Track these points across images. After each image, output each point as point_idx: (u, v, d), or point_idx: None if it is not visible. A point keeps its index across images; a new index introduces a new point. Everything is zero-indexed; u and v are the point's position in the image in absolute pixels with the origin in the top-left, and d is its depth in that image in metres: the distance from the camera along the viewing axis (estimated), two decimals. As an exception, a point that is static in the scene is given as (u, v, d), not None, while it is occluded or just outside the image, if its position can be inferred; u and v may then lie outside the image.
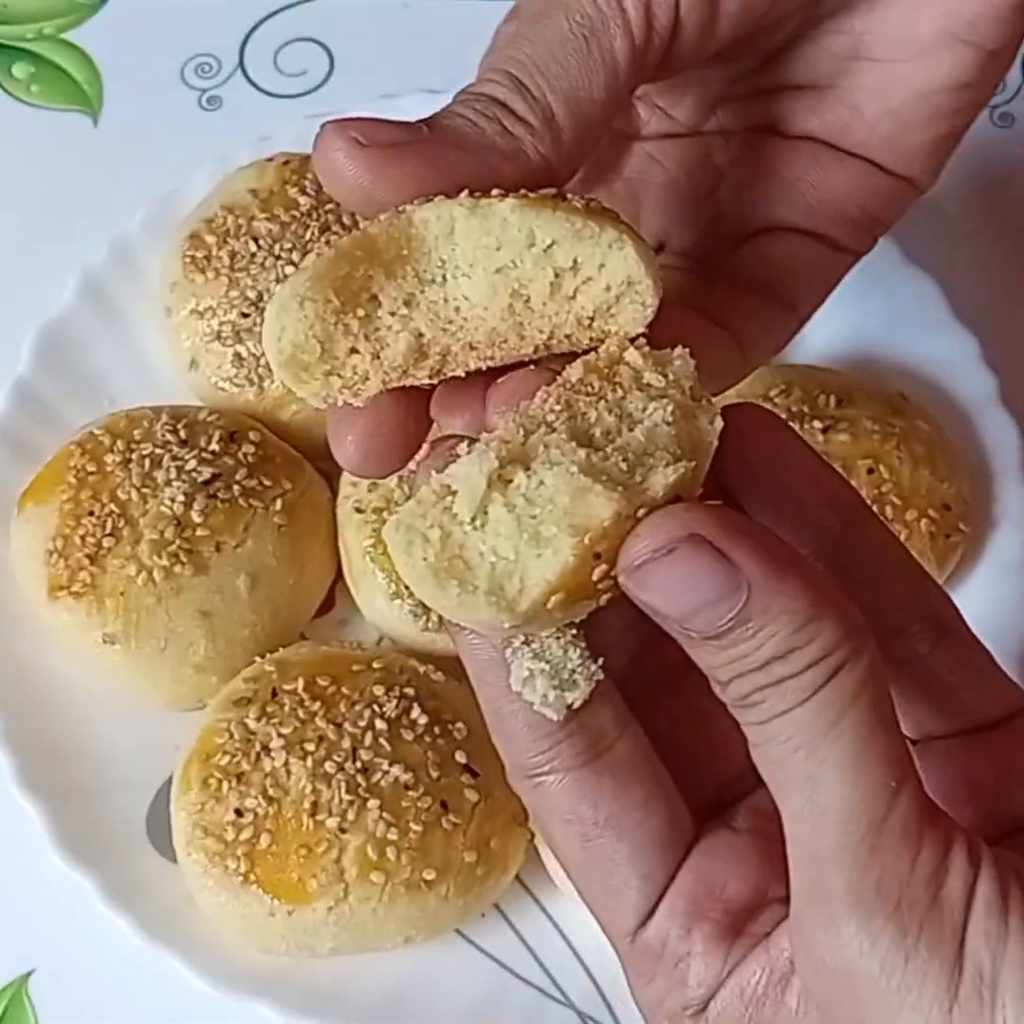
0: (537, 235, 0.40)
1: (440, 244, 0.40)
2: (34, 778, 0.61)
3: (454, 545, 0.35)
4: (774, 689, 0.35)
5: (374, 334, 0.41)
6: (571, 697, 0.36)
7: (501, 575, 0.34)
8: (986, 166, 0.78)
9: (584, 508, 0.34)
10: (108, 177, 0.77)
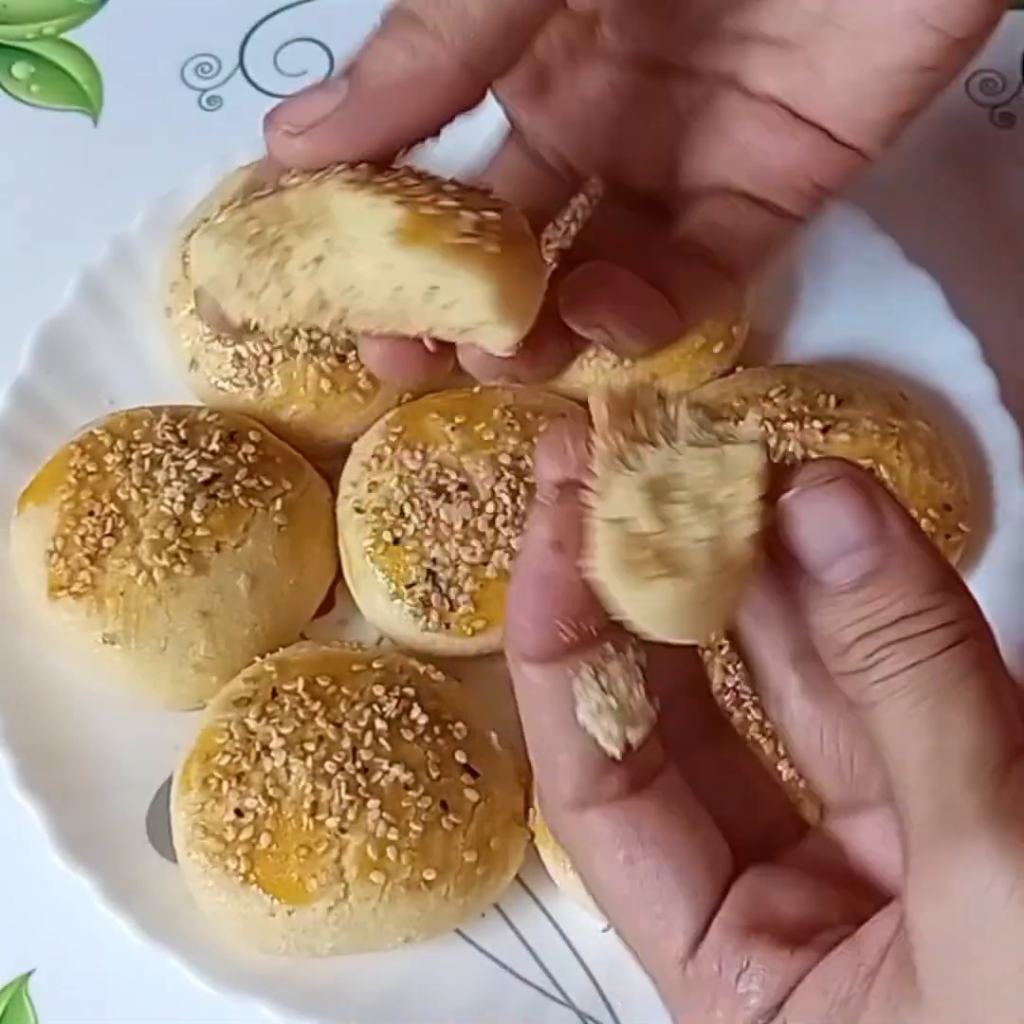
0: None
1: (347, 224, 0.43)
2: (34, 778, 0.61)
3: (667, 555, 0.36)
4: (903, 644, 0.36)
5: (284, 279, 0.44)
6: (633, 735, 0.37)
7: (717, 551, 0.36)
8: (986, 166, 0.78)
9: (735, 462, 0.37)
10: (108, 177, 0.77)
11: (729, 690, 0.59)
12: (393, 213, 0.42)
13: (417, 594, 0.63)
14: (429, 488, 0.63)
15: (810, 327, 0.73)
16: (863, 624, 0.36)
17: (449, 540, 0.62)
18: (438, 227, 0.43)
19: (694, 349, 0.68)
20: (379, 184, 0.43)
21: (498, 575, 0.62)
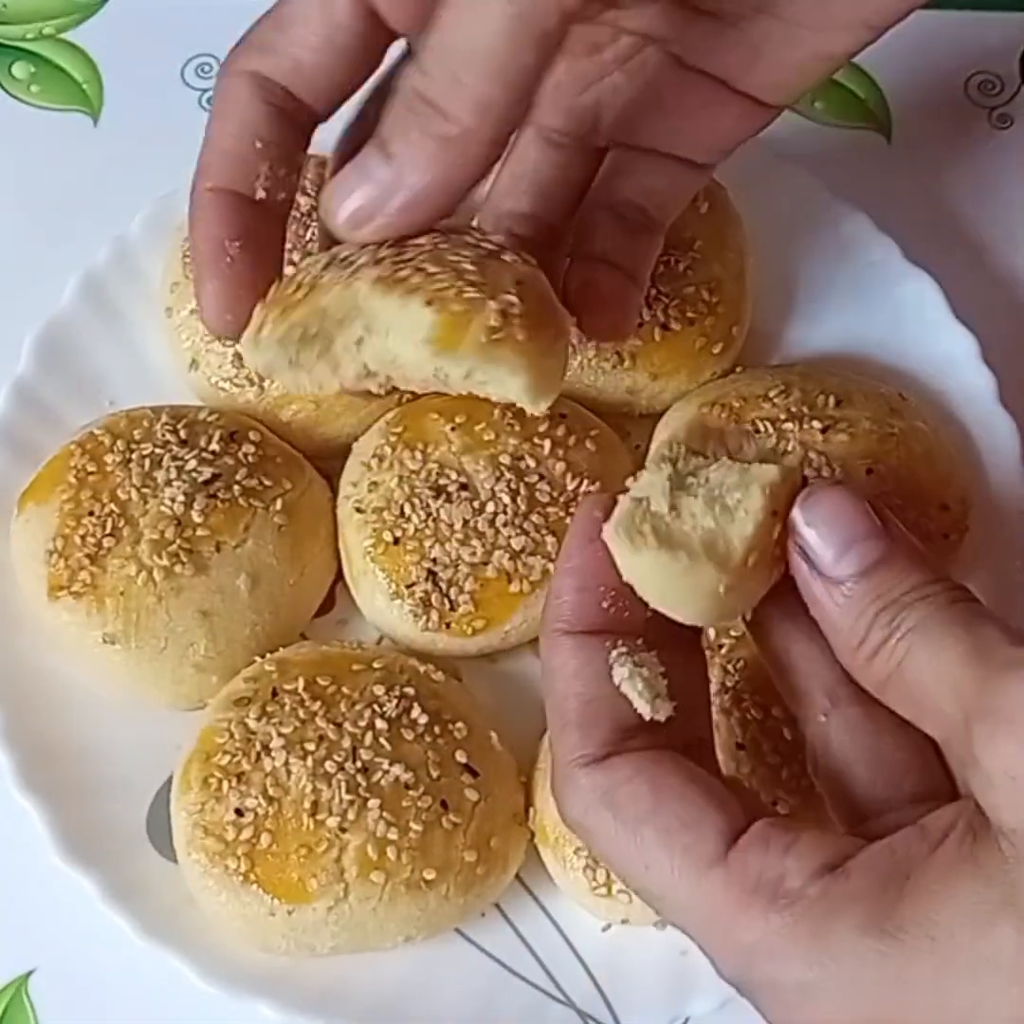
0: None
1: (381, 320, 0.49)
2: (34, 778, 0.61)
3: (665, 533, 0.41)
4: (921, 602, 0.40)
5: (331, 358, 0.51)
6: (661, 707, 0.41)
7: (710, 540, 0.41)
8: (985, 166, 0.78)
9: (755, 474, 0.42)
10: (108, 177, 0.77)
11: (729, 690, 0.59)
12: (425, 319, 0.48)
13: (417, 594, 0.63)
14: (429, 488, 0.63)
15: (810, 327, 0.73)
16: (879, 602, 0.40)
17: (449, 540, 0.62)
18: (468, 330, 0.48)
19: (694, 349, 0.68)
20: (404, 279, 0.48)
21: (498, 575, 0.62)
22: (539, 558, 0.62)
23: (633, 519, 0.42)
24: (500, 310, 0.49)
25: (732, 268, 0.69)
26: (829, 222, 0.73)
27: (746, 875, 0.38)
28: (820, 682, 0.44)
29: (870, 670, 0.40)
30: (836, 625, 0.41)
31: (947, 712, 0.39)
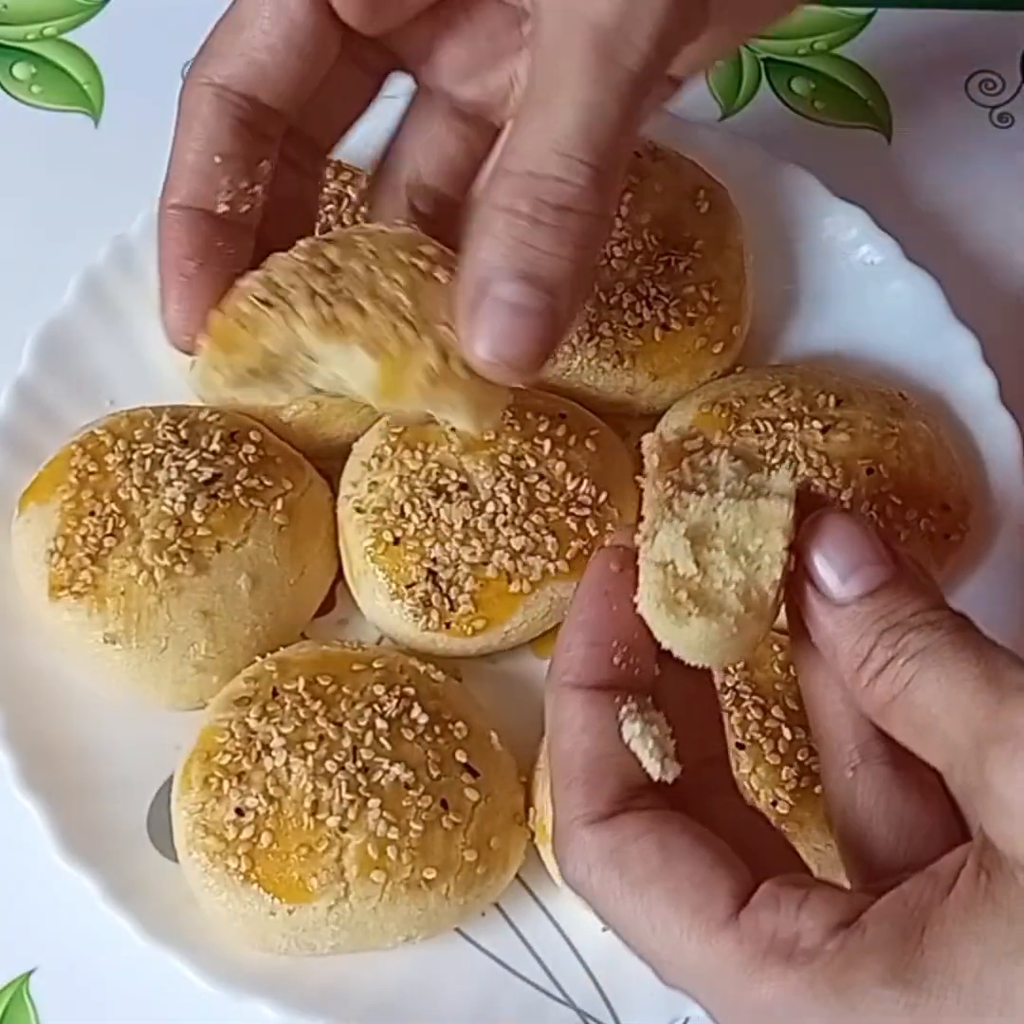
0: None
1: (328, 358, 0.51)
2: (35, 778, 0.61)
3: (700, 596, 0.41)
4: (926, 627, 0.39)
5: (282, 383, 0.53)
6: (669, 768, 0.41)
7: (745, 594, 0.41)
8: (985, 166, 0.78)
9: (766, 514, 0.42)
10: (109, 178, 0.77)
11: (729, 689, 0.59)
12: (366, 365, 0.50)
13: (417, 594, 0.63)
14: (429, 488, 0.63)
15: (810, 327, 0.73)
16: (882, 622, 0.39)
17: (449, 540, 0.62)
18: (408, 375, 0.50)
19: (694, 349, 0.68)
20: (340, 321, 0.50)
21: (498, 575, 0.62)
22: (539, 558, 0.62)
23: (667, 588, 0.41)
24: (438, 348, 0.50)
25: (732, 268, 0.69)
26: (829, 222, 0.73)
27: (759, 935, 0.37)
28: (852, 733, 0.43)
29: (872, 692, 0.40)
30: (838, 647, 0.40)
31: (954, 738, 0.38)
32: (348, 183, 0.70)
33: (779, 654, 0.61)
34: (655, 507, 0.43)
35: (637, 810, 0.40)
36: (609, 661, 0.42)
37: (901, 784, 0.42)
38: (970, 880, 0.37)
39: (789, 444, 0.64)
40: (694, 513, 0.43)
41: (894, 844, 0.42)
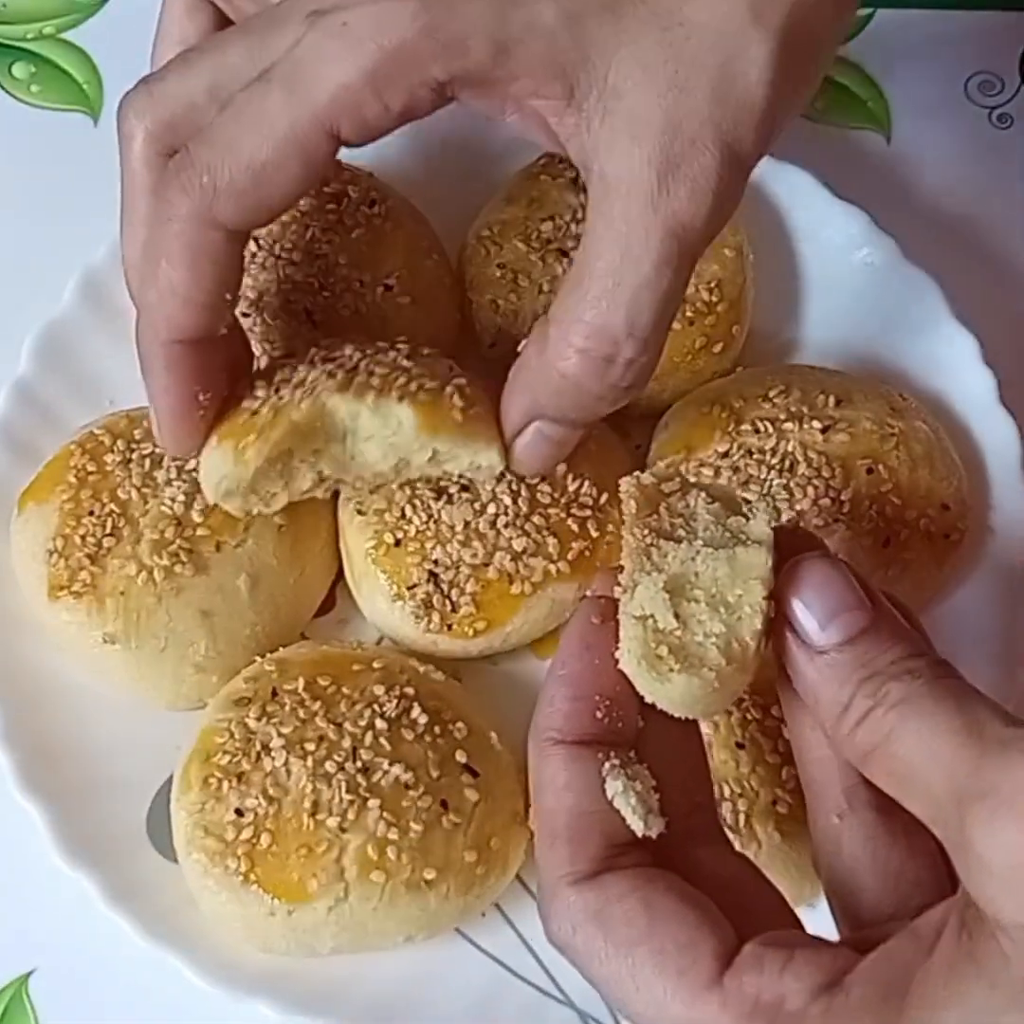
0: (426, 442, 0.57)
1: (347, 421, 0.56)
2: (34, 778, 0.61)
3: (680, 650, 0.41)
4: (907, 675, 0.39)
5: (288, 475, 0.58)
6: (653, 824, 0.41)
7: (726, 646, 0.41)
8: (985, 166, 0.78)
9: (745, 563, 0.42)
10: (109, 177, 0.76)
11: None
12: (404, 412, 0.56)
13: (418, 595, 0.62)
14: (430, 489, 0.63)
15: (810, 327, 0.73)
16: (862, 671, 0.39)
17: (451, 541, 0.62)
18: (443, 414, 0.56)
19: (694, 349, 0.68)
20: (366, 383, 0.56)
21: (500, 576, 0.62)
22: (540, 559, 0.62)
23: (647, 644, 0.41)
24: (458, 391, 0.57)
25: (732, 268, 0.69)
26: (829, 222, 0.73)
27: (743, 998, 0.37)
28: (838, 778, 0.43)
29: (854, 741, 0.39)
30: (819, 695, 0.40)
31: (936, 791, 0.37)
32: (348, 183, 0.70)
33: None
34: (634, 557, 0.43)
35: (622, 868, 0.40)
36: (592, 715, 0.42)
37: (887, 830, 0.42)
38: (952, 939, 0.36)
39: (789, 444, 0.64)
40: (673, 563, 0.43)
41: (880, 892, 0.42)
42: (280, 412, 0.56)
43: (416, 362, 0.59)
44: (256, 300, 0.67)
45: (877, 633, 0.40)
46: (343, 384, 0.57)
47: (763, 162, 0.72)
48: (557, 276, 0.68)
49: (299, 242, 0.68)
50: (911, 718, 0.38)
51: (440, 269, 0.70)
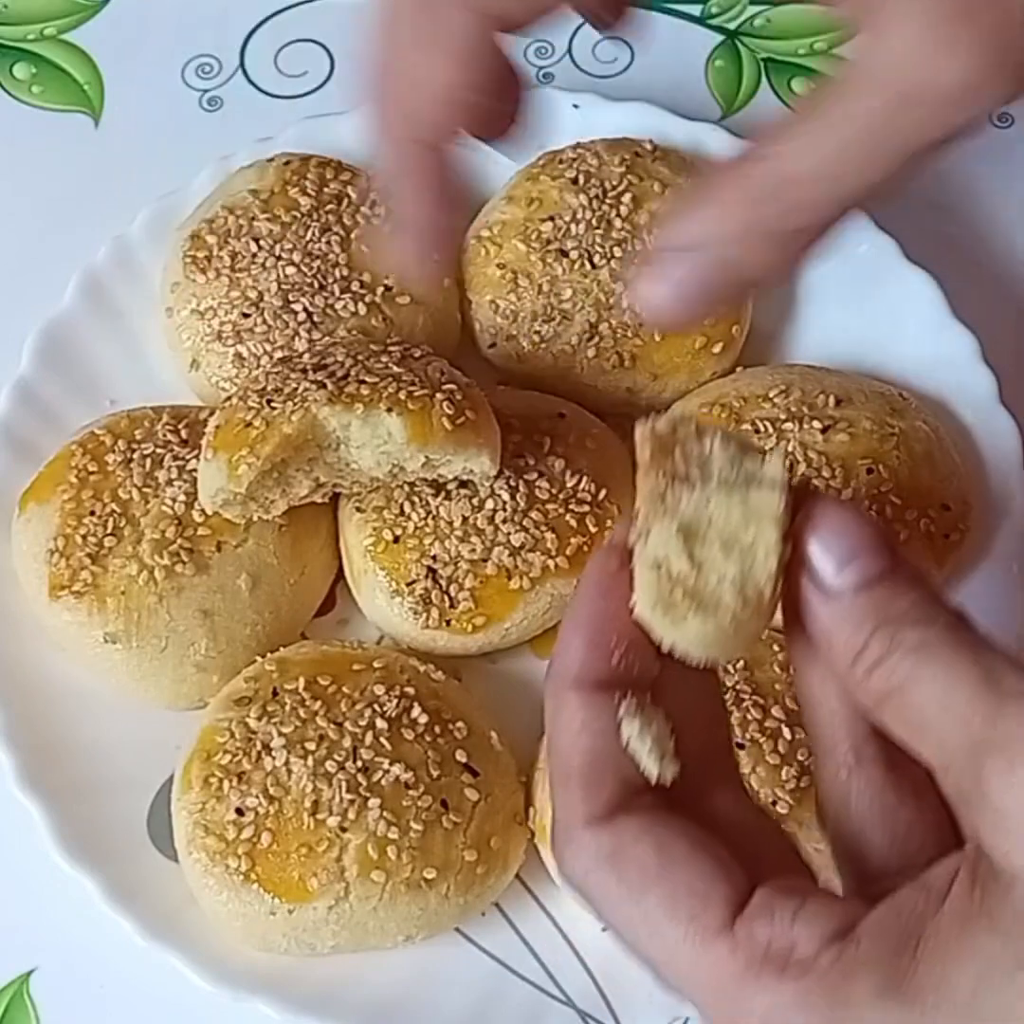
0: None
1: (338, 431, 0.58)
2: (35, 777, 0.61)
3: (697, 594, 0.40)
4: (924, 621, 0.38)
5: (285, 483, 0.60)
6: (667, 769, 0.40)
7: (741, 589, 0.40)
8: (986, 166, 0.78)
9: (758, 505, 0.40)
10: (109, 178, 0.77)
11: (729, 689, 0.59)
12: (393, 423, 0.58)
13: (417, 591, 0.63)
14: (429, 486, 0.63)
15: (810, 327, 0.73)
16: (879, 615, 0.39)
17: (449, 537, 0.62)
18: (433, 423, 0.58)
19: (694, 349, 0.68)
20: (355, 393, 0.58)
21: (498, 572, 0.62)
22: (538, 554, 0.62)
23: (661, 590, 0.40)
24: (448, 399, 0.58)
25: (732, 268, 0.69)
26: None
27: (754, 945, 0.37)
28: (847, 733, 0.42)
29: (868, 685, 0.39)
30: (833, 639, 0.39)
31: (950, 741, 0.37)
32: (348, 183, 0.70)
33: (779, 654, 0.60)
34: (648, 502, 0.42)
35: (636, 811, 0.40)
36: (608, 660, 0.41)
37: (895, 786, 0.42)
38: (964, 893, 0.36)
39: (789, 444, 0.64)
40: (686, 508, 0.41)
41: (887, 848, 0.41)
42: (272, 424, 0.58)
43: (407, 367, 0.59)
44: (256, 300, 0.67)
45: (894, 578, 0.39)
46: (333, 395, 0.58)
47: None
48: (557, 276, 0.68)
49: (299, 242, 0.68)
50: (926, 664, 0.38)
51: (440, 269, 0.70)
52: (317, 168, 0.70)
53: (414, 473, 0.60)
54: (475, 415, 0.59)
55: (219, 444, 0.59)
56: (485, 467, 0.60)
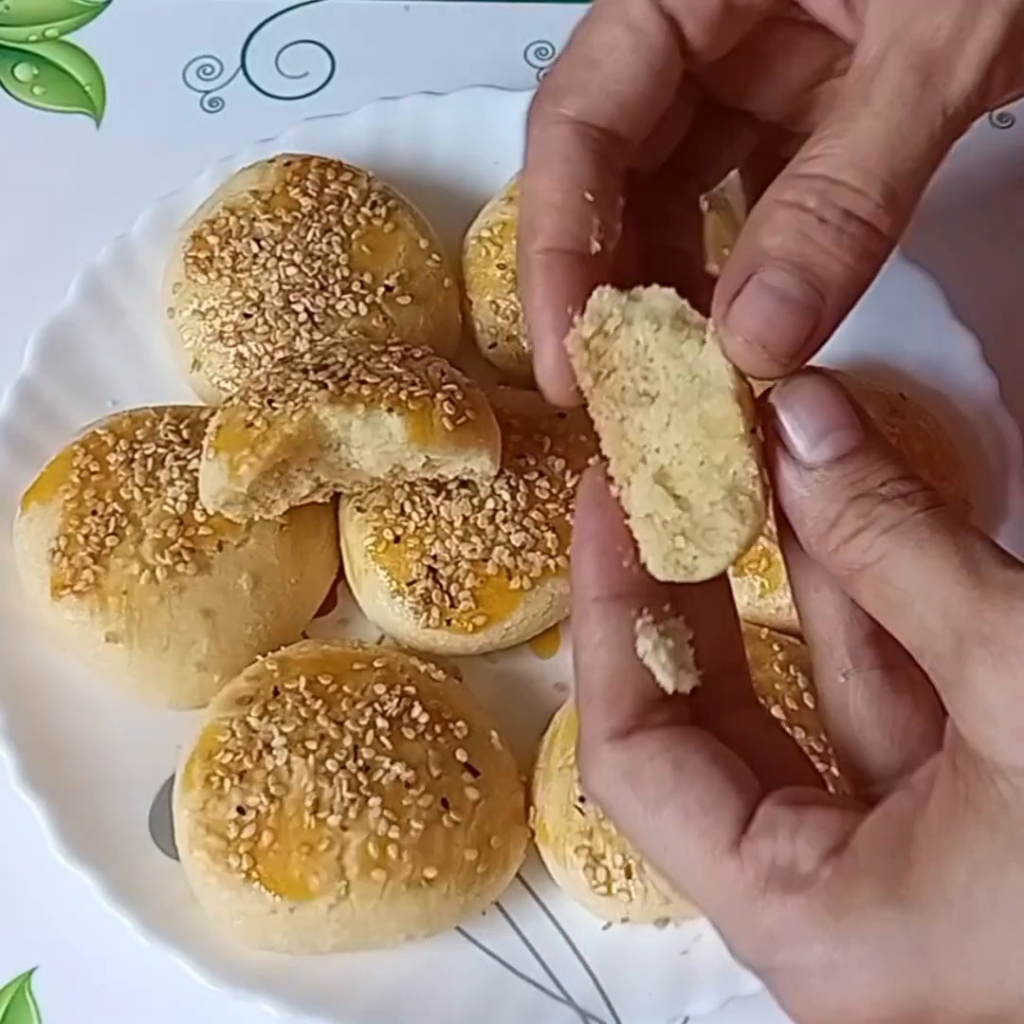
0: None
1: (339, 431, 0.59)
2: (37, 776, 0.61)
3: (695, 533, 0.40)
4: (900, 499, 0.39)
5: (286, 483, 0.60)
6: (684, 681, 0.40)
7: (734, 506, 0.40)
8: (986, 166, 0.78)
9: (717, 419, 0.40)
10: (111, 178, 0.77)
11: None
12: (394, 423, 0.58)
13: (418, 591, 0.63)
14: (429, 485, 0.63)
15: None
16: (852, 489, 0.39)
17: (450, 537, 0.63)
18: (433, 423, 0.58)
19: (694, 349, 0.68)
20: (356, 394, 0.58)
21: (499, 571, 0.62)
22: (539, 554, 0.62)
23: (664, 542, 0.40)
24: (448, 399, 0.58)
25: (732, 268, 0.69)
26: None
27: (759, 862, 0.38)
28: (843, 637, 0.43)
29: (839, 558, 0.39)
30: (805, 511, 0.40)
31: (931, 625, 0.37)
32: (349, 184, 0.70)
33: (779, 654, 0.61)
34: (612, 444, 0.42)
35: (655, 727, 0.40)
36: (619, 566, 0.41)
37: (892, 687, 0.42)
38: (947, 785, 0.37)
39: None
40: (650, 438, 0.41)
41: (887, 748, 0.42)
42: (273, 425, 0.58)
43: (408, 367, 0.59)
44: (257, 300, 0.67)
45: (867, 453, 0.39)
46: (334, 395, 0.58)
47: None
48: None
49: (300, 243, 0.68)
50: (906, 546, 0.38)
51: (440, 269, 0.70)
52: (318, 169, 0.70)
53: (415, 473, 0.60)
54: (475, 415, 0.60)
55: (220, 444, 0.59)
56: (485, 467, 0.60)
